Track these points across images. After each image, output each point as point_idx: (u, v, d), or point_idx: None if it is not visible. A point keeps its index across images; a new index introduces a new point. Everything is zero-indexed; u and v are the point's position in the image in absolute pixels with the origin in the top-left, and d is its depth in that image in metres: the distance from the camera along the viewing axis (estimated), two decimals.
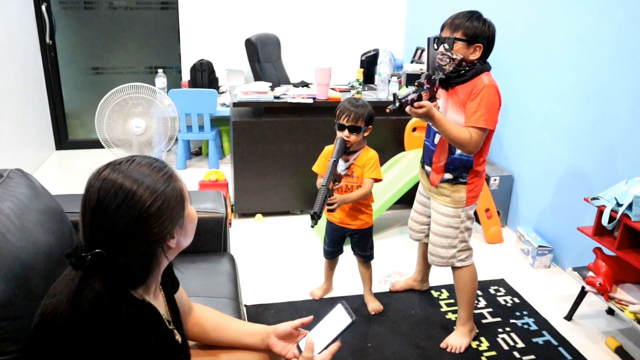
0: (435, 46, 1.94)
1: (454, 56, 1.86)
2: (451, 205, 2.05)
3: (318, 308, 2.45)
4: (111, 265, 0.90)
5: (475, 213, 3.23)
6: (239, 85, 3.71)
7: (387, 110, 1.80)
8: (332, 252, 2.43)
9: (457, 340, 2.20)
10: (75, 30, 4.67)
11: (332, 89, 3.47)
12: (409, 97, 1.79)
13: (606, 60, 2.53)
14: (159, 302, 1.10)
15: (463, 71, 1.89)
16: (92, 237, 0.91)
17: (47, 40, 4.43)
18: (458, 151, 1.96)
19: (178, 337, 1.12)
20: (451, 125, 1.87)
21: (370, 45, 4.48)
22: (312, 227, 1.92)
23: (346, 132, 2.13)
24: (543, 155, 3.04)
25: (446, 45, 1.87)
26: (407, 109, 1.82)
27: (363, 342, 2.21)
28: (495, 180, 3.28)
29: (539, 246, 2.88)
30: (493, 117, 1.87)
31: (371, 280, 2.47)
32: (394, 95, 1.79)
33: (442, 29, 1.92)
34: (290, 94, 3.29)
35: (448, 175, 2.02)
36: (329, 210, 2.13)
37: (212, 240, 2.01)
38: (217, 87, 4.54)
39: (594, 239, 2.25)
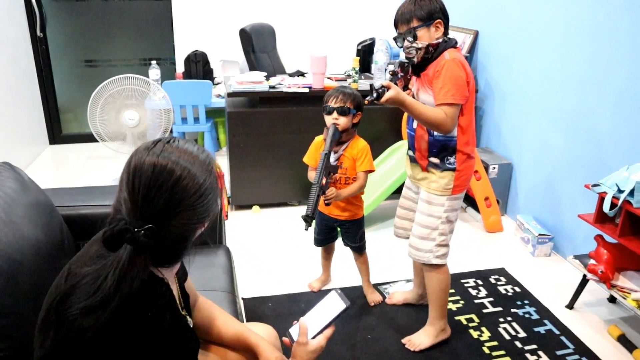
0: (399, 44, 1.88)
1: (420, 45, 1.82)
2: (437, 192, 1.96)
3: (317, 300, 2.41)
4: (158, 241, 0.90)
5: (474, 201, 3.23)
6: (234, 75, 3.66)
7: (366, 102, 1.76)
8: (321, 240, 2.39)
9: (418, 338, 2.13)
10: (67, 22, 4.59)
11: (329, 78, 3.42)
12: (384, 83, 1.74)
13: (605, 46, 2.48)
14: (174, 287, 1.10)
15: (430, 56, 1.84)
16: (144, 213, 0.90)
17: (38, 32, 4.35)
18: (436, 132, 1.90)
19: (190, 323, 1.13)
20: (424, 108, 1.80)
21: (366, 34, 4.42)
22: (306, 229, 1.88)
23: (334, 115, 2.08)
24: (542, 142, 3.00)
25: (409, 38, 1.82)
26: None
27: (362, 334, 2.18)
28: (494, 168, 3.25)
29: (539, 234, 2.85)
30: (461, 91, 1.79)
31: (368, 271, 2.43)
32: (371, 86, 1.74)
33: (396, 27, 1.88)
34: (286, 84, 3.24)
35: (434, 159, 1.94)
36: (326, 205, 2.09)
37: (207, 231, 1.95)
38: (212, 79, 4.48)
39: (595, 226, 2.22)
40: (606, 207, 2.11)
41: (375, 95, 1.72)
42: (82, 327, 0.87)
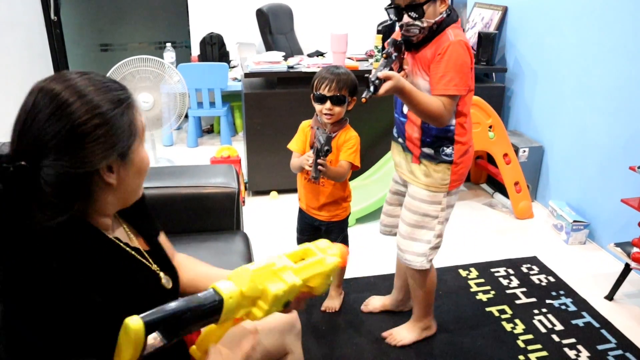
0: (395, 17, 1.58)
1: (425, 24, 1.52)
2: (432, 188, 1.70)
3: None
4: (35, 184, 0.79)
5: (502, 187, 3.06)
6: (251, 57, 3.53)
7: (363, 100, 1.45)
8: (303, 241, 2.02)
9: (401, 333, 1.97)
10: (82, 6, 4.51)
11: (349, 58, 3.28)
12: (381, 75, 1.43)
13: None
14: (121, 233, 0.99)
15: (431, 34, 1.57)
16: (19, 147, 0.81)
17: (52, 16, 4.26)
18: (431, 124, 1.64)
19: (166, 282, 1.00)
20: (423, 98, 1.52)
21: (385, 14, 4.25)
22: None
23: (328, 105, 1.80)
24: (577, 123, 2.82)
25: (413, 14, 1.51)
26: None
27: (380, 336, 2.05)
28: (525, 151, 3.07)
29: (574, 221, 2.68)
30: (464, 80, 1.53)
31: (342, 277, 2.20)
32: (369, 79, 1.43)
33: None
34: (305, 64, 3.11)
35: (427, 150, 1.67)
36: (316, 174, 1.76)
37: (224, 217, 1.87)
38: (227, 61, 4.36)
39: None
40: None
41: (372, 89, 1.44)
42: None
